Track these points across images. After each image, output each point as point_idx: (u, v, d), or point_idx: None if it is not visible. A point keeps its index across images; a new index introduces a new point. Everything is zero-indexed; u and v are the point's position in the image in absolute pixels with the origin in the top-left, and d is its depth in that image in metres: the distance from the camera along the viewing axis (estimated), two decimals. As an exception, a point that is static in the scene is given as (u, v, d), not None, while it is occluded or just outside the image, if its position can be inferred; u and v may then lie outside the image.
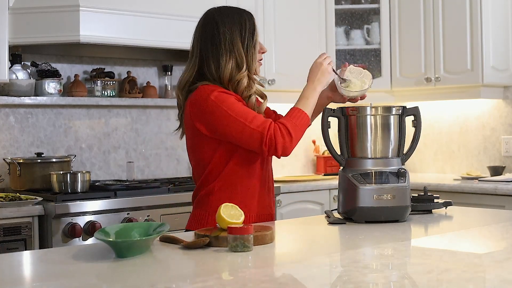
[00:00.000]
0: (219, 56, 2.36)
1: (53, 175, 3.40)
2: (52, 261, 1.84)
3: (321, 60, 2.42)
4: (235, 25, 2.40)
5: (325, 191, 4.23)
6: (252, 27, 2.43)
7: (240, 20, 2.42)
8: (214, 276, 1.62)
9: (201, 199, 2.41)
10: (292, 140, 2.28)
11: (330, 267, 1.76)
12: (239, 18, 2.43)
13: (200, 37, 2.40)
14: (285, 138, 2.27)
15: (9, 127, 3.75)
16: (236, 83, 2.35)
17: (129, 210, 3.36)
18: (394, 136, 2.41)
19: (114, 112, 4.11)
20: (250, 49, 2.40)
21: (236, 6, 2.50)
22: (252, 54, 2.40)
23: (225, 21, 2.40)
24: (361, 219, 2.34)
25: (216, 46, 2.36)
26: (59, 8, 3.44)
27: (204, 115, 2.31)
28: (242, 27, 2.41)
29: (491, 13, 4.21)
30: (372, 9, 4.67)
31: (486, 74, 4.17)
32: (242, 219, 2.00)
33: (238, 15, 2.44)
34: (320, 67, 2.41)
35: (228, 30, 2.38)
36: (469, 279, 1.53)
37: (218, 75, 2.35)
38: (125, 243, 1.79)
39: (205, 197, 2.39)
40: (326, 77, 2.41)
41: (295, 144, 2.30)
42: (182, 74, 2.44)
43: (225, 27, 2.38)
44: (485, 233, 2.21)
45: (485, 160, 4.53)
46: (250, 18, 2.45)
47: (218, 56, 2.36)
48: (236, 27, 2.40)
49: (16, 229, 3.06)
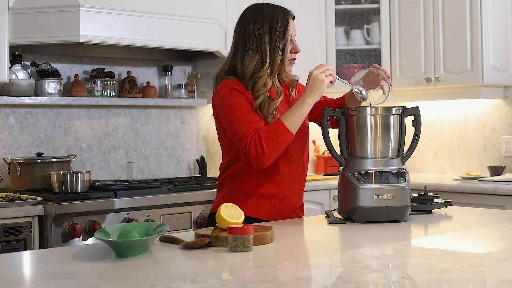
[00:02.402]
0: (245, 52, 2.44)
1: (53, 175, 3.40)
2: (52, 261, 1.84)
3: (316, 73, 2.37)
4: (266, 23, 2.44)
5: (325, 191, 4.23)
6: (284, 26, 2.44)
7: (272, 17, 2.45)
8: (214, 276, 1.62)
9: (222, 181, 2.54)
10: (264, 154, 2.29)
11: (330, 267, 1.76)
12: (272, 16, 2.45)
13: (235, 33, 2.52)
14: (258, 150, 2.30)
15: (9, 127, 3.75)
16: (255, 81, 2.40)
17: (129, 210, 3.36)
18: (394, 136, 2.41)
19: (114, 112, 4.11)
20: (278, 47, 2.42)
21: (273, 3, 2.53)
22: (278, 53, 2.42)
23: (256, 19, 2.45)
24: (361, 219, 2.34)
25: (245, 42, 2.45)
26: (59, 8, 3.44)
27: (218, 107, 2.44)
28: (273, 25, 2.43)
29: (491, 13, 4.21)
30: (372, 9, 4.67)
31: (486, 74, 4.17)
32: (242, 219, 2.01)
33: (271, 12, 2.47)
34: (313, 79, 2.37)
35: (257, 27, 2.44)
36: (469, 279, 1.53)
37: (242, 71, 2.43)
38: (125, 243, 1.79)
39: (224, 180, 2.52)
40: (318, 89, 2.36)
41: (269, 158, 2.31)
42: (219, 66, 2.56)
43: (255, 24, 2.44)
44: (485, 233, 2.21)
45: (485, 160, 4.53)
46: (283, 16, 2.46)
47: (244, 52, 2.44)
48: (266, 25, 2.44)
49: (16, 229, 3.06)
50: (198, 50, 3.93)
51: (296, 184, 2.54)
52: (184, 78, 4.41)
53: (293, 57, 2.51)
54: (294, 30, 2.50)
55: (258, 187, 2.45)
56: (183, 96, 4.29)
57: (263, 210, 2.46)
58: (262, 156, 2.29)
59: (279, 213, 2.49)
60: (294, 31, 2.50)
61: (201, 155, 4.44)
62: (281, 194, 2.48)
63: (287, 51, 2.44)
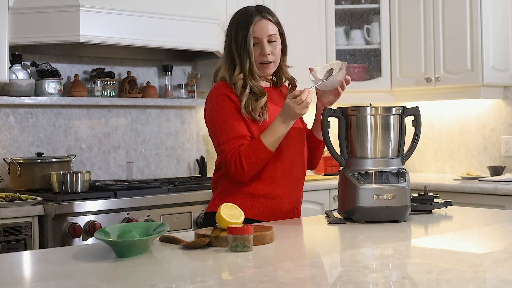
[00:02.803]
0: (224, 58, 2.50)
1: (53, 175, 3.40)
2: (52, 261, 1.84)
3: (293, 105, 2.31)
4: (233, 28, 2.48)
5: (325, 191, 4.23)
6: (245, 30, 2.43)
7: (237, 23, 2.47)
8: (214, 276, 1.62)
9: (215, 181, 2.56)
10: (244, 171, 2.37)
11: (330, 267, 1.76)
12: (237, 21, 2.48)
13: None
14: (237, 168, 2.36)
15: (9, 127, 3.75)
16: (233, 85, 2.44)
17: (129, 210, 3.36)
18: (394, 136, 2.41)
19: (114, 112, 4.11)
20: (243, 53, 2.43)
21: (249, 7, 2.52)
22: (244, 58, 2.43)
23: (229, 25, 2.51)
24: (361, 219, 2.34)
25: (224, 47, 2.51)
26: (59, 8, 3.44)
27: (208, 110, 2.50)
28: (237, 31, 2.45)
29: (491, 13, 4.21)
30: (372, 9, 4.67)
31: (486, 74, 4.17)
32: (242, 219, 2.01)
33: (238, 17, 2.49)
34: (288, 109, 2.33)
35: (228, 33, 2.49)
36: (469, 279, 1.53)
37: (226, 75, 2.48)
38: (125, 243, 1.79)
39: (217, 180, 2.54)
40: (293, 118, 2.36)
41: (249, 174, 2.39)
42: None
43: (228, 30, 2.50)
44: (485, 233, 2.21)
45: (485, 160, 4.53)
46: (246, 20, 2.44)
47: (224, 57, 2.50)
48: (233, 30, 2.47)
49: (16, 229, 3.06)
50: (198, 50, 3.93)
51: (289, 186, 2.51)
52: (184, 78, 4.41)
53: (262, 60, 2.46)
54: (262, 32, 2.44)
55: (248, 186, 2.45)
56: (183, 96, 4.29)
57: (253, 210, 2.45)
58: (242, 173, 2.37)
59: (271, 213, 2.47)
60: (260, 33, 2.44)
61: (201, 155, 4.44)
62: (272, 194, 2.47)
63: (251, 55, 2.42)
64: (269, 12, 2.51)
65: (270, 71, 2.50)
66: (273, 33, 2.47)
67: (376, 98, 4.57)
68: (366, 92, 4.58)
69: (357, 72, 4.65)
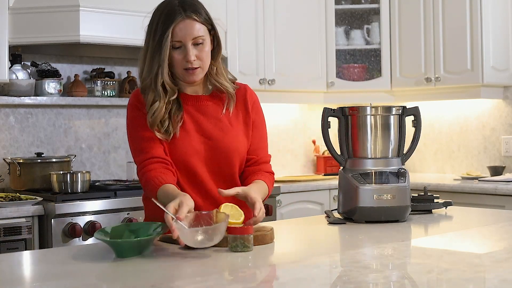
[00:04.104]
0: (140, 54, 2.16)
1: (53, 175, 3.40)
2: (52, 261, 1.84)
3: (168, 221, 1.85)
4: (152, 23, 2.13)
5: (325, 191, 4.23)
6: (164, 29, 2.07)
7: (159, 16, 2.11)
8: (214, 276, 1.62)
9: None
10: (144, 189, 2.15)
11: (330, 267, 1.76)
12: (158, 15, 2.12)
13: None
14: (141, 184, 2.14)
15: (9, 127, 3.75)
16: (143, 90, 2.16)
17: (129, 210, 3.36)
18: (394, 136, 2.41)
19: (114, 112, 4.11)
20: (156, 54, 2.09)
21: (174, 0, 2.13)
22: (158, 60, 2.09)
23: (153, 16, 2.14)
24: (361, 219, 2.34)
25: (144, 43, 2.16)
26: (59, 8, 3.44)
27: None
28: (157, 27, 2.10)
29: (491, 13, 4.21)
30: (372, 9, 4.67)
31: (486, 74, 4.17)
32: (242, 219, 2.00)
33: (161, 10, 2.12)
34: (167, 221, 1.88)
35: (148, 28, 2.15)
36: (469, 279, 1.53)
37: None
38: (125, 243, 1.79)
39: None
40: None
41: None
42: None
43: (150, 22, 2.14)
44: (485, 233, 2.21)
45: (485, 160, 4.53)
46: (168, 17, 2.08)
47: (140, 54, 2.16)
48: (152, 26, 2.12)
49: (16, 229, 3.06)
50: (198, 50, 3.92)
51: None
52: (184, 78, 4.40)
53: (186, 66, 2.11)
54: (185, 34, 2.08)
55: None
56: (183, 96, 4.29)
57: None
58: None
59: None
60: (183, 35, 2.08)
61: (201, 155, 4.43)
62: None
63: (165, 57, 2.07)
64: (195, 9, 2.11)
65: (197, 77, 2.14)
66: (200, 34, 2.10)
67: (376, 98, 4.57)
68: (366, 92, 4.58)
69: (357, 72, 4.65)
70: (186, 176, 2.16)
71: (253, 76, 4.26)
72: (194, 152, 2.15)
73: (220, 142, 2.17)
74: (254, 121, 2.26)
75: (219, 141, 2.17)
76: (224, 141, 2.18)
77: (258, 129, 2.27)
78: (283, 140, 4.81)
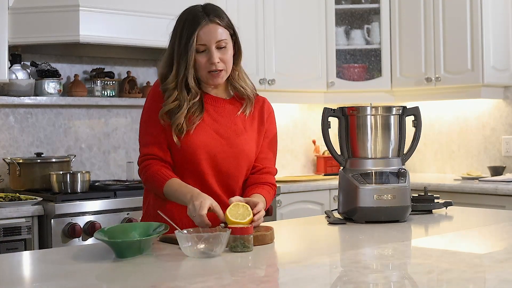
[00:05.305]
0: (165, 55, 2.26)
1: (53, 175, 3.40)
2: (52, 261, 1.84)
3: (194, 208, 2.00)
4: (177, 30, 2.20)
5: (325, 191, 4.23)
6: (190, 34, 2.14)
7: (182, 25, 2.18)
8: (214, 276, 1.62)
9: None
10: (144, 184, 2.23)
11: (330, 267, 1.76)
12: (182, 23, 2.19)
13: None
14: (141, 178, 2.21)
15: (9, 127, 3.75)
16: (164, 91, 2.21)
17: (129, 210, 3.36)
18: (394, 136, 2.41)
19: (114, 112, 4.10)
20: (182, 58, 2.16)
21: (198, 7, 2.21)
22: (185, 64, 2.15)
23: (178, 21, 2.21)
24: (361, 219, 2.33)
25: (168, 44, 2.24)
26: (59, 8, 3.44)
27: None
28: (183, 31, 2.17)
29: (491, 13, 4.21)
30: (372, 9, 4.67)
31: (486, 74, 4.17)
32: (248, 219, 1.98)
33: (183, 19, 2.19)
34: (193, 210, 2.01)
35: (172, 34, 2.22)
36: (469, 279, 1.53)
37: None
38: (125, 243, 1.79)
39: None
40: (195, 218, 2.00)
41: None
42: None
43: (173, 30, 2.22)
44: (485, 233, 2.21)
45: (485, 160, 4.53)
46: (193, 22, 2.15)
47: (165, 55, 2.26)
48: (177, 31, 2.20)
49: (16, 229, 3.06)
50: (198, 50, 3.92)
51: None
52: (184, 78, 4.40)
53: (210, 68, 2.16)
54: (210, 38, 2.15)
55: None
56: (183, 96, 4.29)
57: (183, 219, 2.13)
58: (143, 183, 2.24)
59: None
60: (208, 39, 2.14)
61: (201, 155, 4.43)
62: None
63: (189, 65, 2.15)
64: (218, 14, 2.19)
65: (221, 80, 2.20)
66: (223, 38, 2.16)
67: (376, 98, 4.56)
68: (366, 92, 4.58)
69: (357, 72, 4.65)
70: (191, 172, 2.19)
71: (253, 76, 4.21)
72: (205, 147, 2.18)
73: (232, 142, 2.22)
74: (266, 131, 2.32)
75: (232, 141, 2.22)
76: (236, 142, 2.22)
77: (269, 139, 2.34)
78: (283, 140, 4.81)
